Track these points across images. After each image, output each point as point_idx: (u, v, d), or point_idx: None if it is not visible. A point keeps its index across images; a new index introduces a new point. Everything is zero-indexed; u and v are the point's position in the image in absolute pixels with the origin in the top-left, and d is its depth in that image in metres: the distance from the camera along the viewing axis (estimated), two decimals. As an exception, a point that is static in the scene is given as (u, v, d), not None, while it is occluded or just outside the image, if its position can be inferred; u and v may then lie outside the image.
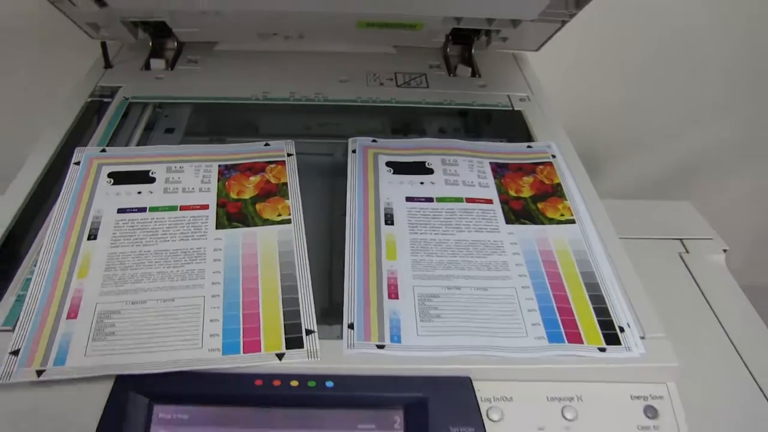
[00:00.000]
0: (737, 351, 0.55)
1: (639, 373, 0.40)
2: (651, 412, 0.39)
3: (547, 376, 0.39)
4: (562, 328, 0.41)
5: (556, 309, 0.43)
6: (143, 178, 0.51)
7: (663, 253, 0.64)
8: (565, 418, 0.38)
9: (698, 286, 0.61)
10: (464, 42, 0.68)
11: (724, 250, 0.66)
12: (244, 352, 0.38)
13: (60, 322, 0.40)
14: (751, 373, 0.53)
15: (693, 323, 0.55)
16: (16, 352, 0.37)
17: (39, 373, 0.36)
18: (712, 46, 0.86)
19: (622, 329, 0.41)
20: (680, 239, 0.66)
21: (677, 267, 0.63)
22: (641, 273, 0.46)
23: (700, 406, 0.40)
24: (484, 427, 0.37)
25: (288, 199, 0.49)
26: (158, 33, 0.65)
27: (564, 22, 0.58)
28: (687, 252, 0.65)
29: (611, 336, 0.41)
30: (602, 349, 0.40)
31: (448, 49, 0.69)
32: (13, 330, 0.39)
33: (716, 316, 0.58)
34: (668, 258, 0.64)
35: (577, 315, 0.42)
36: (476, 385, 0.38)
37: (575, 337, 0.41)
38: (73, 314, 0.40)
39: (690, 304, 0.59)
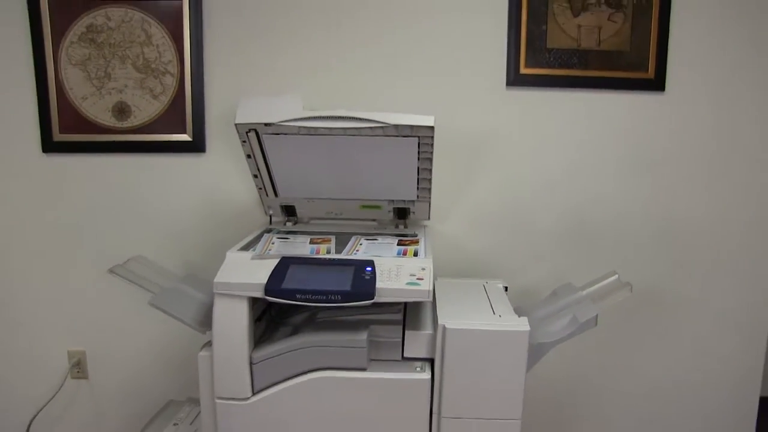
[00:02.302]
0: (488, 298, 1.89)
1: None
2: (413, 241, 1.74)
3: (381, 251, 1.75)
4: (403, 253, 1.78)
5: (402, 254, 1.79)
6: (284, 238, 1.95)
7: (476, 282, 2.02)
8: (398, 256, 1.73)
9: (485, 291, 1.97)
10: (403, 216, 2.13)
11: (505, 287, 2.02)
12: (315, 254, 1.78)
13: (266, 251, 1.79)
14: (491, 305, 1.86)
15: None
16: (257, 254, 1.79)
17: (261, 254, 1.77)
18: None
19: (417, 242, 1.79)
20: (484, 281, 2.04)
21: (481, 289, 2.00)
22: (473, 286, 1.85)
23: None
24: (375, 268, 1.72)
25: (330, 241, 1.91)
26: (289, 211, 2.14)
27: (429, 202, 2.04)
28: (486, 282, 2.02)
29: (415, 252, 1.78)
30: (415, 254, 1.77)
31: (396, 217, 2.12)
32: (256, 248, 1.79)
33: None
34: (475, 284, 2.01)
35: (409, 253, 1.79)
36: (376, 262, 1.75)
37: (407, 253, 1.78)
38: (266, 250, 1.81)
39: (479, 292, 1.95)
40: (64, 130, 2.20)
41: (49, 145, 2.22)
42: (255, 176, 1.95)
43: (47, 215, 2.30)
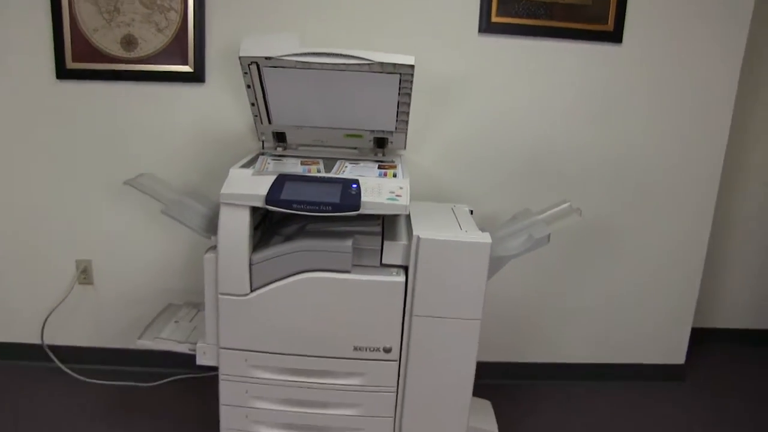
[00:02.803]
0: (456, 218, 2.21)
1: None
2: (392, 165, 2.05)
3: (364, 172, 2.06)
4: (383, 174, 2.09)
5: (383, 175, 2.10)
6: (277, 159, 2.24)
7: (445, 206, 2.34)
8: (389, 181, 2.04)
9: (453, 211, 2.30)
10: (382, 146, 2.43)
11: (471, 211, 2.35)
12: (307, 172, 2.08)
13: (264, 169, 2.09)
14: (459, 223, 2.18)
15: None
16: (257, 171, 2.09)
17: (261, 171, 2.05)
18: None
19: (395, 167, 2.09)
20: (453, 205, 2.35)
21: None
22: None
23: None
24: (360, 185, 2.03)
25: (318, 164, 2.21)
26: (280, 138, 2.42)
27: (406, 133, 2.34)
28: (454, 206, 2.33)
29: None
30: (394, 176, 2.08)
31: (375, 146, 2.41)
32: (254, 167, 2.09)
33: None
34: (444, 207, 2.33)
35: (389, 175, 2.09)
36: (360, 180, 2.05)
37: (386, 175, 2.08)
38: (264, 168, 2.10)
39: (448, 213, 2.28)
40: (77, 59, 2.45)
41: (63, 73, 2.48)
42: (252, 104, 2.22)
43: (60, 136, 2.57)
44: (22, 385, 2.69)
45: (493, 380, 2.83)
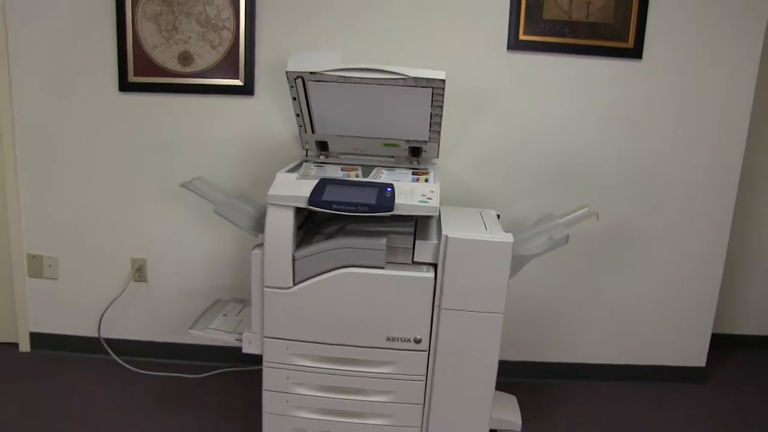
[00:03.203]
0: (483, 221, 2.39)
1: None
2: (424, 172, 2.24)
3: (399, 177, 2.26)
4: (416, 180, 2.28)
5: (416, 180, 2.29)
6: (319, 166, 2.46)
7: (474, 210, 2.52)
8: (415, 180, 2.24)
9: (480, 215, 2.49)
10: (417, 154, 2.63)
11: (498, 215, 2.53)
12: (346, 177, 2.30)
13: (307, 174, 2.31)
14: (485, 225, 2.37)
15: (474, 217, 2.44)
16: (301, 175, 2.31)
17: (304, 175, 2.27)
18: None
19: (428, 173, 2.28)
20: (481, 209, 2.54)
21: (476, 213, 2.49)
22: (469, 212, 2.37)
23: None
24: (394, 189, 2.23)
25: (357, 170, 2.42)
26: (323, 146, 2.63)
27: (439, 142, 2.54)
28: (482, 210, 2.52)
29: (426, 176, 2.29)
30: (426, 181, 2.28)
31: (410, 155, 2.60)
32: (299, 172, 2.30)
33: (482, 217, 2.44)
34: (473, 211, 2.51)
35: (421, 180, 2.29)
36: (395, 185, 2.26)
37: (419, 180, 2.28)
38: (308, 173, 2.32)
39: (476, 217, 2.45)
40: (138, 73, 2.71)
41: (125, 86, 2.74)
42: (297, 115, 2.42)
43: (121, 143, 2.83)
44: (80, 375, 2.92)
45: (518, 378, 2.99)
